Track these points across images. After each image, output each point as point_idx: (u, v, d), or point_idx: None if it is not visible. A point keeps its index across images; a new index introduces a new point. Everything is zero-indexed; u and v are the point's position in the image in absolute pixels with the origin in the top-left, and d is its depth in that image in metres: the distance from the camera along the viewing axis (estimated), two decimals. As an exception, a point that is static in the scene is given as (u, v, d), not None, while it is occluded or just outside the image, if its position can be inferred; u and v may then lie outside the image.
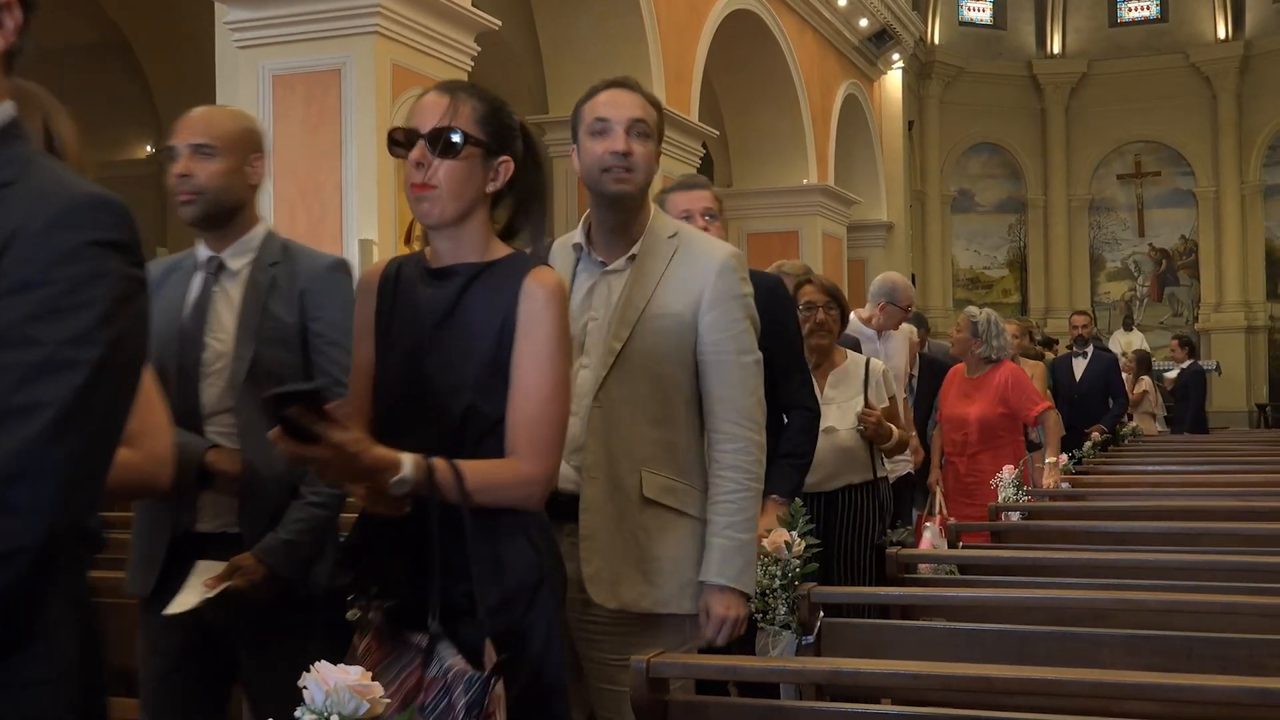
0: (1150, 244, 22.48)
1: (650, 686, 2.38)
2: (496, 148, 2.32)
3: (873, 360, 4.74)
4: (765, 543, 3.21)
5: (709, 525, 2.70)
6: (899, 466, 6.17)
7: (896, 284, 6.44)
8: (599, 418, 2.67)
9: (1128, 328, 19.86)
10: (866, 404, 4.61)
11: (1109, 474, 7.71)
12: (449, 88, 2.34)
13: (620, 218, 2.77)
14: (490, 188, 2.32)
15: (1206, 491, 6.35)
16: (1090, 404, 9.57)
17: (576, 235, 2.85)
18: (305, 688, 1.57)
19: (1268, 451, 9.53)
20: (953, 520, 5.55)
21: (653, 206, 2.83)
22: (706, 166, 13.38)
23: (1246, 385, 21.19)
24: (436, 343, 2.29)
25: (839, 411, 4.59)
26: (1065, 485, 6.49)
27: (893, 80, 18.94)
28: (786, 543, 3.15)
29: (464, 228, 2.31)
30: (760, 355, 2.78)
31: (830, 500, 4.56)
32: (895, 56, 18.45)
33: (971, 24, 22.71)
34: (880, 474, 4.68)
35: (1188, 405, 13.01)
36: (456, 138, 2.25)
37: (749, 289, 2.79)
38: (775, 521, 3.37)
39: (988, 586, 3.65)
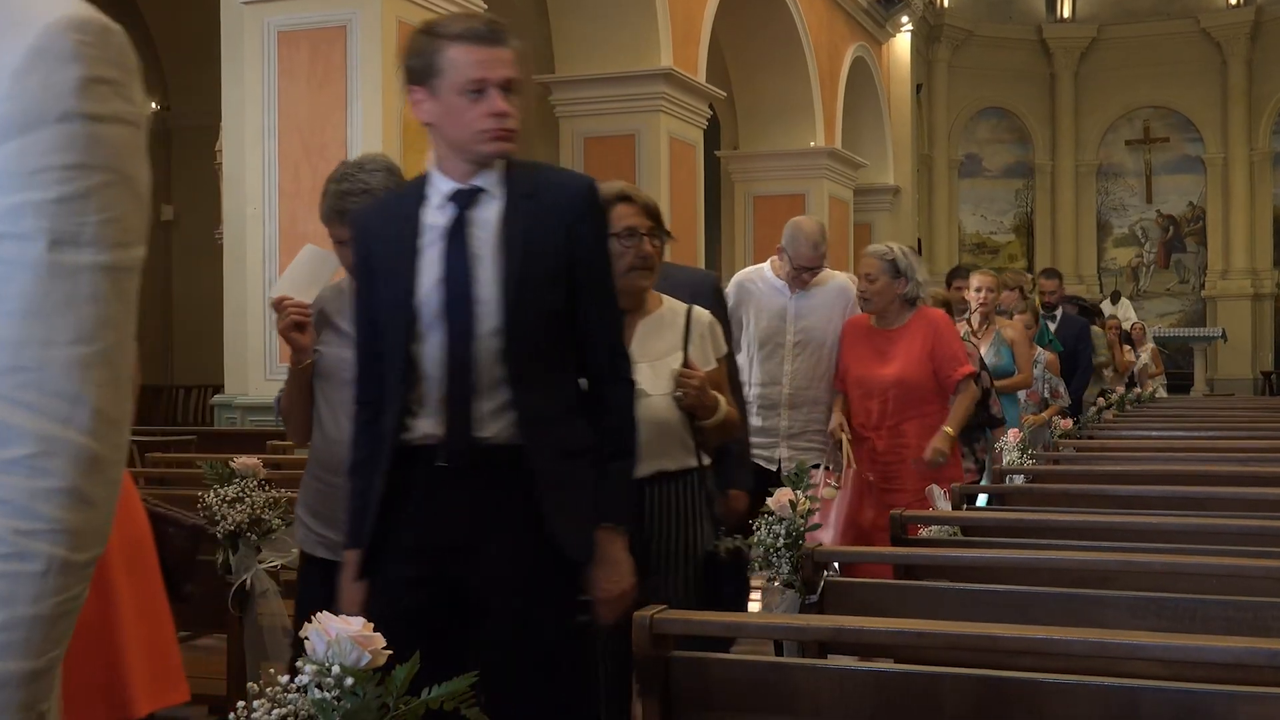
0: (1158, 210, 22.40)
1: (652, 643, 2.38)
2: None
3: (695, 308, 3.56)
4: (770, 501, 3.20)
5: None
6: (803, 456, 4.81)
7: (798, 231, 5.10)
8: None
9: (1115, 300, 19.29)
10: (686, 363, 3.42)
11: (1114, 438, 7.70)
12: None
13: None
14: None
15: (1211, 456, 6.34)
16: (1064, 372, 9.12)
17: None
18: (307, 638, 1.56)
19: (1272, 418, 9.52)
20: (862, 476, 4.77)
21: None
22: (714, 128, 13.31)
23: (1252, 352, 21.18)
24: None
25: (650, 372, 3.35)
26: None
27: (901, 43, 18.82)
28: (790, 501, 3.14)
29: None
30: (112, 258, 1.24)
31: (639, 492, 3.27)
32: (904, 19, 18.34)
33: (981, -13, 22.56)
34: (705, 461, 3.49)
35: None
36: None
37: (115, 106, 1.25)
38: (623, 548, 2.68)
39: (991, 548, 3.65)
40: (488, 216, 2.62)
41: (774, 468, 4.99)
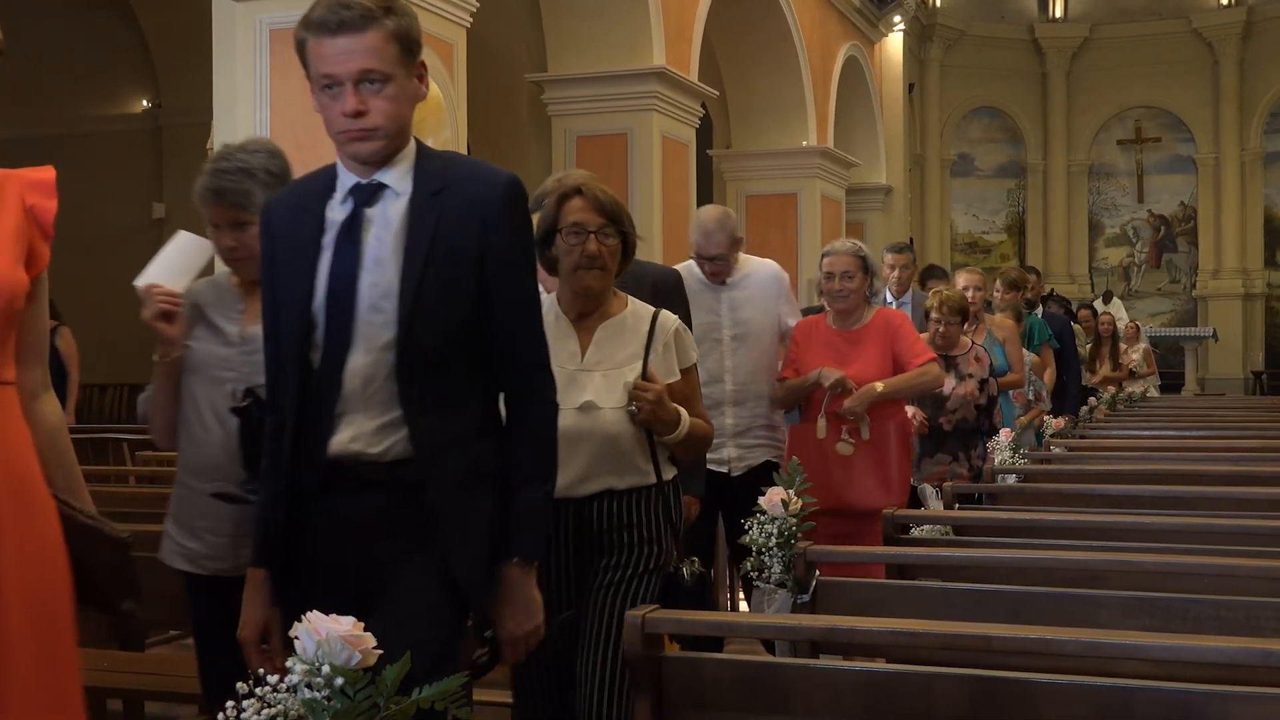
0: (1149, 210, 22.44)
1: (645, 643, 2.38)
2: None
3: (663, 313, 3.23)
4: (762, 501, 3.20)
5: None
6: (752, 454, 4.83)
7: (694, 220, 4.93)
8: None
9: (1107, 300, 19.25)
10: (645, 374, 3.10)
11: (1105, 438, 7.71)
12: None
13: None
14: None
15: (1203, 456, 6.35)
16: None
17: None
18: (297, 638, 1.56)
19: (1263, 418, 9.54)
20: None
21: None
22: (706, 127, 13.30)
23: (1243, 352, 21.23)
24: None
25: (604, 382, 3.08)
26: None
27: (894, 43, 18.82)
28: (783, 500, 3.13)
29: None
30: None
31: (582, 511, 3.05)
32: (896, 19, 18.33)
33: (974, -14, 22.57)
34: (666, 477, 3.16)
35: None
36: None
37: None
38: (532, 586, 2.40)
39: (984, 547, 3.65)
40: (391, 215, 2.36)
41: (724, 469, 4.72)
